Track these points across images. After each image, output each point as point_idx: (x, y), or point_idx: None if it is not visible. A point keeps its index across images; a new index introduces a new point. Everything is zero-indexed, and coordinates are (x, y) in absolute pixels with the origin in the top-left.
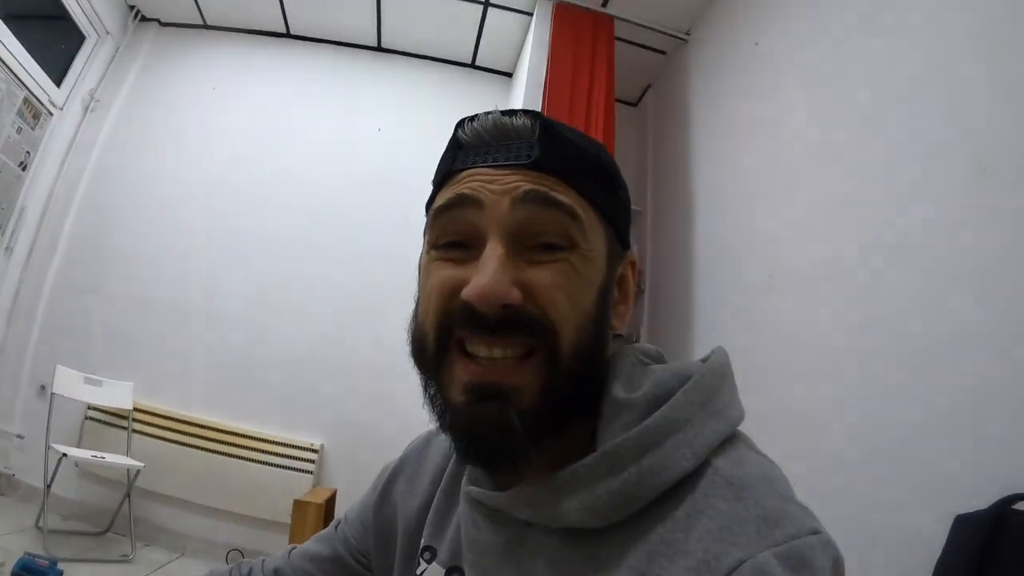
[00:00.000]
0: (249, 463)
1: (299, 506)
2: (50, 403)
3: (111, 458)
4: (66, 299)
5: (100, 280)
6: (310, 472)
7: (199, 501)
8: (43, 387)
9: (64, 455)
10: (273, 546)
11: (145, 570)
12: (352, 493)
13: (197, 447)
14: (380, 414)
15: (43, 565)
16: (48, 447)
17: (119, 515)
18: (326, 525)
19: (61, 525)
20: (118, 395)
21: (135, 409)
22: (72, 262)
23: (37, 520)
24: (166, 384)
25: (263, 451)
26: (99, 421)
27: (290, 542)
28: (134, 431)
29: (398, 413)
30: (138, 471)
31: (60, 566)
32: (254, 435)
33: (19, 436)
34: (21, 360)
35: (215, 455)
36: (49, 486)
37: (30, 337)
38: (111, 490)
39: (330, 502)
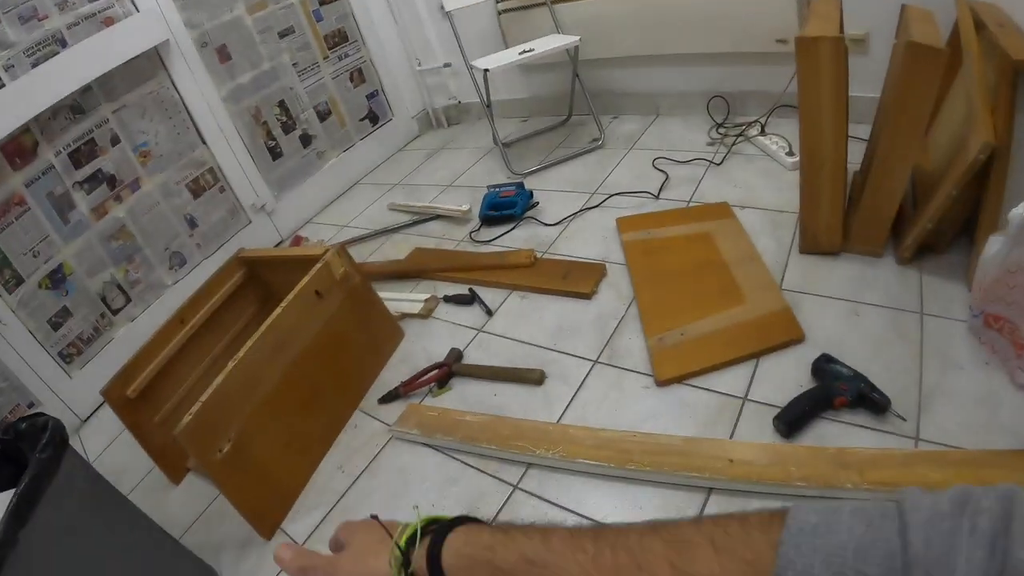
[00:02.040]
0: None
1: (805, 45)
2: (451, 22)
3: (541, 44)
4: None
5: None
6: None
7: (657, 52)
8: (442, 7)
9: (487, 70)
10: (759, 83)
11: (622, 148)
12: None
13: None
14: None
15: (510, 194)
16: (470, 67)
17: (574, 97)
18: None
19: (523, 130)
20: None
21: None
22: None
23: (494, 138)
24: None
25: None
26: (513, 10)
27: (800, 87)
28: (554, 1)
29: None
30: (576, 46)
31: (528, 184)
32: None
33: (446, 65)
34: None
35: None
36: (489, 105)
37: None
38: (558, 75)
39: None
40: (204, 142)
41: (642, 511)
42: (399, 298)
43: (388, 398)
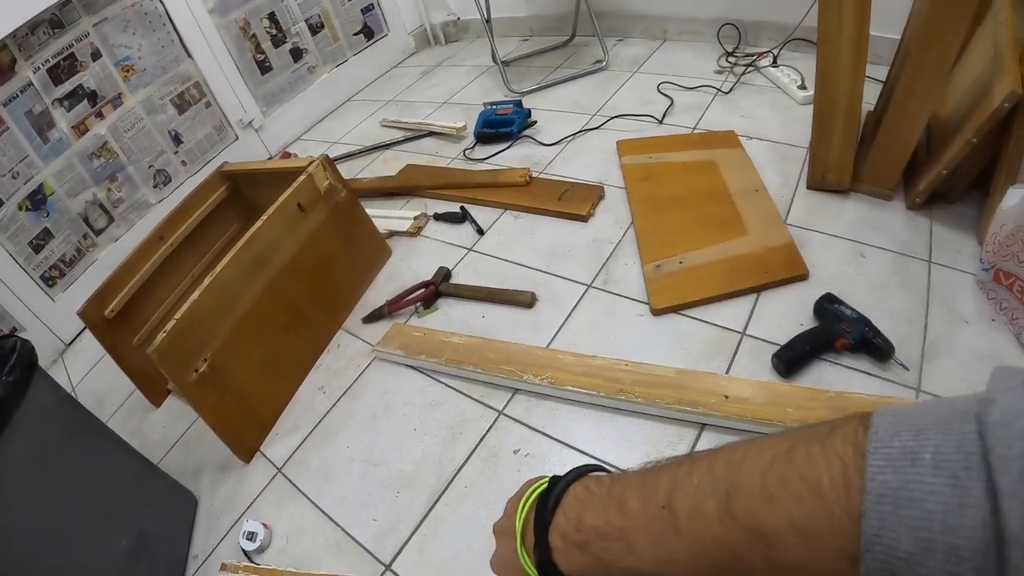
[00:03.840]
0: None
1: None
2: None
3: None
4: None
5: None
6: None
7: None
8: None
9: None
10: (774, 12)
11: (626, 71)
12: None
13: None
14: None
15: (506, 112)
16: None
17: (579, 17)
18: None
19: (523, 49)
20: None
21: None
22: None
23: (493, 56)
24: None
25: None
26: None
27: (821, 11)
28: None
29: None
30: None
31: (526, 104)
32: None
33: None
34: None
35: None
36: (488, 21)
37: None
38: None
39: None
40: (190, 55)
41: (631, 445)
42: (388, 215)
43: (372, 318)
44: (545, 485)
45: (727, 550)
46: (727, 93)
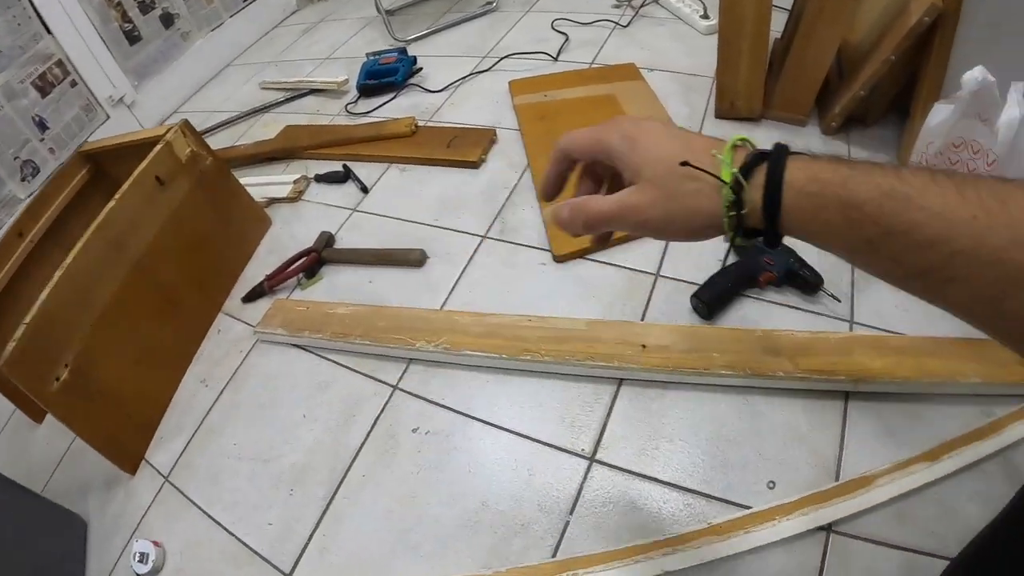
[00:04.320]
0: None
1: None
2: None
3: None
4: None
5: None
6: None
7: None
8: None
9: None
10: None
11: (518, 10)
12: None
13: None
14: None
15: (390, 61)
16: None
17: None
18: None
19: None
20: None
21: None
22: None
23: (376, 6)
24: None
25: None
26: None
27: None
28: None
29: None
30: None
31: (411, 51)
32: None
33: None
34: None
35: None
36: None
37: None
38: None
39: None
40: (49, 32)
41: (543, 408)
42: (267, 182)
43: (252, 296)
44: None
45: (998, 196)
46: (625, 27)
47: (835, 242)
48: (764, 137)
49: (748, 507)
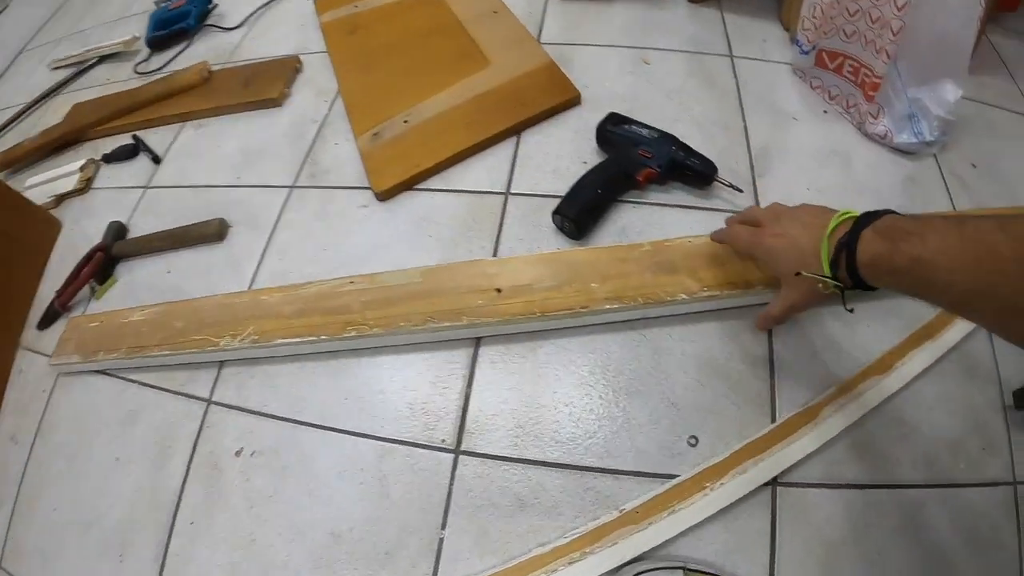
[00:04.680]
0: None
1: None
2: None
3: None
4: None
5: None
6: None
7: None
8: None
9: None
10: None
11: None
12: None
13: None
14: None
15: (180, 5)
16: None
17: None
18: None
19: None
20: None
21: None
22: None
23: None
24: None
25: None
26: None
27: None
28: None
29: None
30: None
31: None
32: None
33: None
34: None
35: None
36: None
37: None
38: None
39: None
40: None
41: (384, 398)
42: (54, 176)
43: (46, 320)
44: (856, 215)
45: (988, 248)
46: None
47: (896, 290)
48: (623, 18)
49: (669, 477)
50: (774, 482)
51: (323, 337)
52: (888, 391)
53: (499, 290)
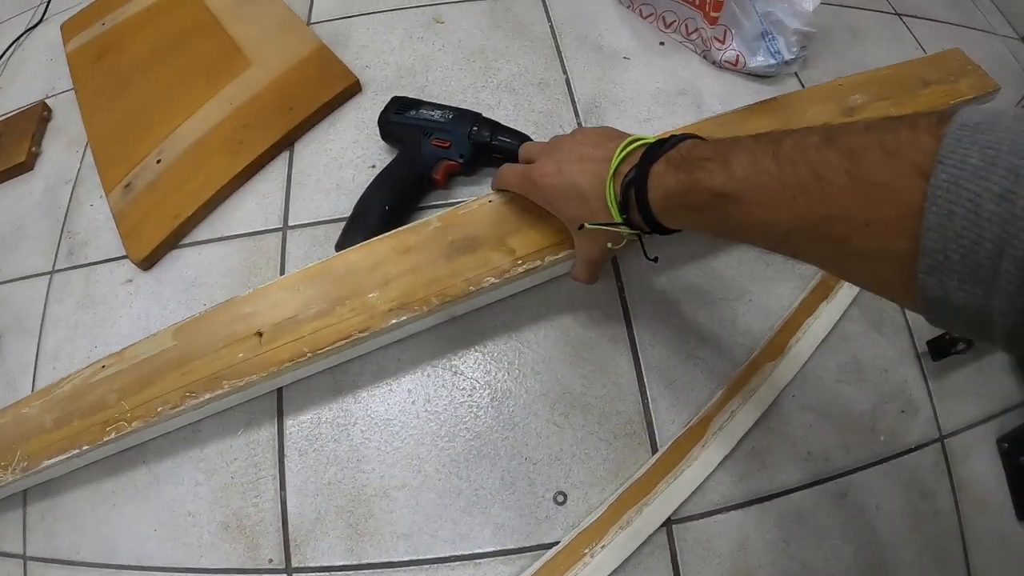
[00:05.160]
0: None
1: None
2: None
3: None
4: None
5: None
6: None
7: None
8: None
9: None
10: None
11: None
12: None
13: None
14: None
15: None
16: None
17: None
18: None
19: None
20: None
21: None
22: None
23: None
24: None
25: None
26: None
27: None
28: None
29: None
30: None
31: None
32: None
33: None
34: None
35: None
36: None
37: None
38: None
39: None
40: None
41: (195, 519)
42: None
43: None
44: (649, 140)
45: (814, 171)
46: None
47: (703, 233)
48: None
49: (542, 548)
50: (668, 522)
51: (85, 448)
52: (785, 379)
53: (260, 334)
